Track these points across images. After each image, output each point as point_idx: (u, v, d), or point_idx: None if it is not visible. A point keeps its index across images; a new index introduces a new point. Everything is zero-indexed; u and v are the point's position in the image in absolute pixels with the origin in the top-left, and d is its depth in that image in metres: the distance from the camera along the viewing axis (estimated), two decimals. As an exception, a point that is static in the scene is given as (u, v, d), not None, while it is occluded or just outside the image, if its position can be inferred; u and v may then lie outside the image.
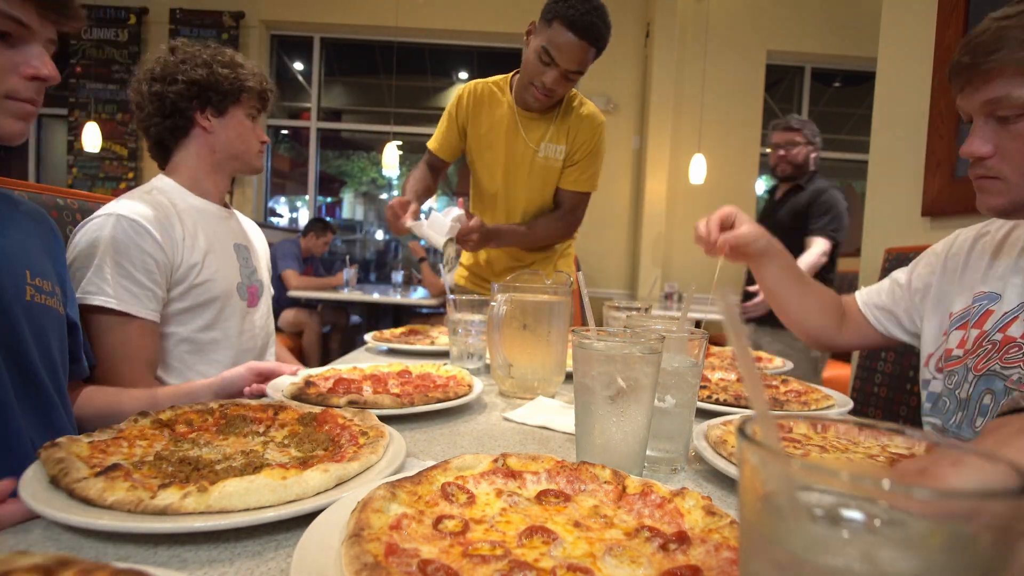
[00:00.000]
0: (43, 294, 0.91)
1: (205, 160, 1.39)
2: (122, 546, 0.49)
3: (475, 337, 1.31)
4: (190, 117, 1.35)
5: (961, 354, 1.03)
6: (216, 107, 1.36)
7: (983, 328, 1.00)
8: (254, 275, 1.47)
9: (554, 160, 1.82)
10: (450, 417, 0.96)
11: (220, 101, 1.35)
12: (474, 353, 1.32)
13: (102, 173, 5.39)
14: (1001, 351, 0.96)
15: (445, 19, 5.51)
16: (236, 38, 5.40)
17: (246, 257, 1.46)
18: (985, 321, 1.01)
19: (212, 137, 1.38)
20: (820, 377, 3.03)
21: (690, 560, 0.44)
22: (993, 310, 1.00)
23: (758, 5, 5.37)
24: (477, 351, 1.32)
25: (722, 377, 1.26)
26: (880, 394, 1.72)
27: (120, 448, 0.64)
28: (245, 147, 1.41)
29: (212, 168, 1.40)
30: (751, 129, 5.40)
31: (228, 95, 1.35)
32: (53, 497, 0.52)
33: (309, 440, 0.71)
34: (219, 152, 1.39)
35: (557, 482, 0.57)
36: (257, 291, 1.47)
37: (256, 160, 1.45)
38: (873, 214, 2.29)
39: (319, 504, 0.53)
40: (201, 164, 1.39)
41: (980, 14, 1.83)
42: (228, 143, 1.39)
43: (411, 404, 0.91)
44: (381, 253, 7.81)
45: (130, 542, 0.50)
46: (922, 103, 2.02)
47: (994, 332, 0.98)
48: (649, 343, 0.66)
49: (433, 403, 0.93)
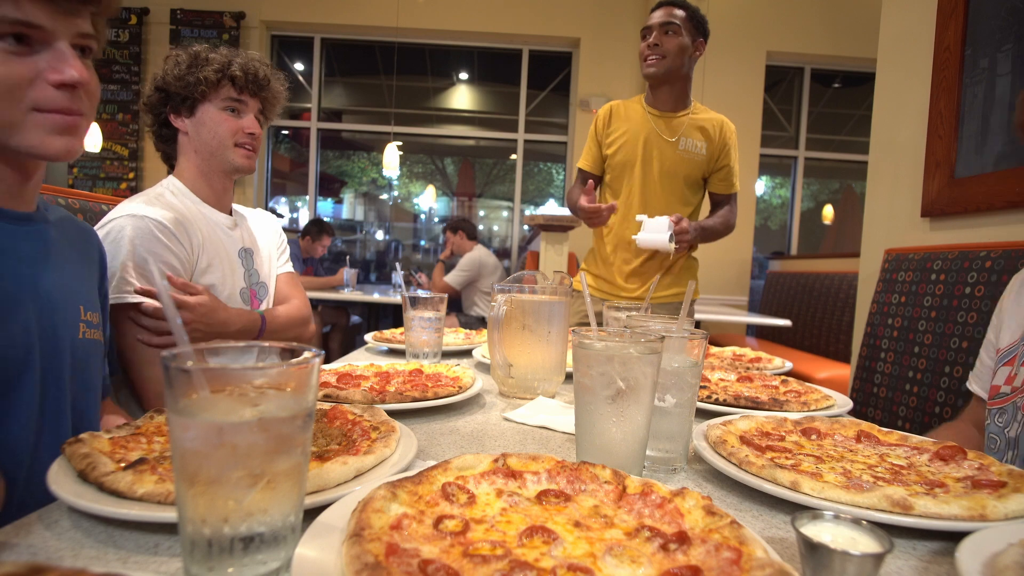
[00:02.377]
0: (92, 328, 0.89)
1: (193, 163, 1.38)
2: (151, 535, 0.51)
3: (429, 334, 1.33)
4: (168, 122, 1.35)
5: (1009, 391, 1.00)
6: (185, 108, 1.33)
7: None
8: (257, 278, 1.47)
9: (696, 154, 2.07)
10: (450, 417, 0.96)
11: (184, 100, 1.32)
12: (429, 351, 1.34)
13: (103, 173, 5.39)
14: None
15: (445, 19, 5.51)
16: (237, 38, 5.40)
17: (250, 261, 1.46)
18: None
19: (191, 139, 1.36)
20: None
21: (690, 560, 0.44)
22: None
23: (758, 6, 5.37)
24: (432, 349, 1.34)
25: (722, 377, 1.26)
26: (880, 394, 1.72)
27: (139, 444, 0.66)
28: (217, 142, 1.34)
29: (201, 171, 1.38)
30: (751, 130, 5.40)
31: (189, 93, 1.31)
32: (84, 490, 0.54)
33: (323, 435, 0.73)
34: (200, 152, 1.36)
35: (557, 482, 0.57)
36: (257, 294, 1.47)
37: (233, 155, 1.35)
38: (873, 215, 2.29)
39: (339, 495, 0.55)
40: (192, 168, 1.38)
41: (980, 14, 1.84)
42: (204, 143, 1.35)
43: (382, 401, 0.91)
44: (381, 253, 7.82)
45: (160, 532, 0.52)
46: (922, 104, 2.03)
47: None
48: (649, 343, 0.66)
49: (408, 402, 0.92)
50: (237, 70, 1.32)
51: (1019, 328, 1.04)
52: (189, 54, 1.32)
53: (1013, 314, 1.07)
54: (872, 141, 2.31)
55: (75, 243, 0.93)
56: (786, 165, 6.15)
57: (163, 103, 1.34)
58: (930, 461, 0.74)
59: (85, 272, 0.93)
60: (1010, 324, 1.06)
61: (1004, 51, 1.75)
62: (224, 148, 1.35)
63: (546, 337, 1.10)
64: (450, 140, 7.27)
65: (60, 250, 0.87)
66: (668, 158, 2.05)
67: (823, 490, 0.60)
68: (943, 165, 1.91)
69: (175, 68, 1.31)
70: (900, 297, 1.72)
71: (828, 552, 0.41)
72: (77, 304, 0.87)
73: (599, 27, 5.42)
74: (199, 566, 0.42)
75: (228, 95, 1.33)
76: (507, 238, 6.90)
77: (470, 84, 6.86)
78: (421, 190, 7.80)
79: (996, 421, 1.03)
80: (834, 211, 7.35)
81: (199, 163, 1.37)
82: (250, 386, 0.44)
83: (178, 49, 1.34)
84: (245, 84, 1.34)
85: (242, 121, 1.36)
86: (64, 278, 0.85)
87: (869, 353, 1.80)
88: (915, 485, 0.65)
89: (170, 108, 1.34)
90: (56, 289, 0.83)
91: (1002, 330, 1.08)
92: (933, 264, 1.63)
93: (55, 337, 0.82)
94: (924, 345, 1.60)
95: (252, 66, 1.34)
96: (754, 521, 0.61)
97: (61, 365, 0.83)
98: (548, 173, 7.04)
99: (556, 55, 5.83)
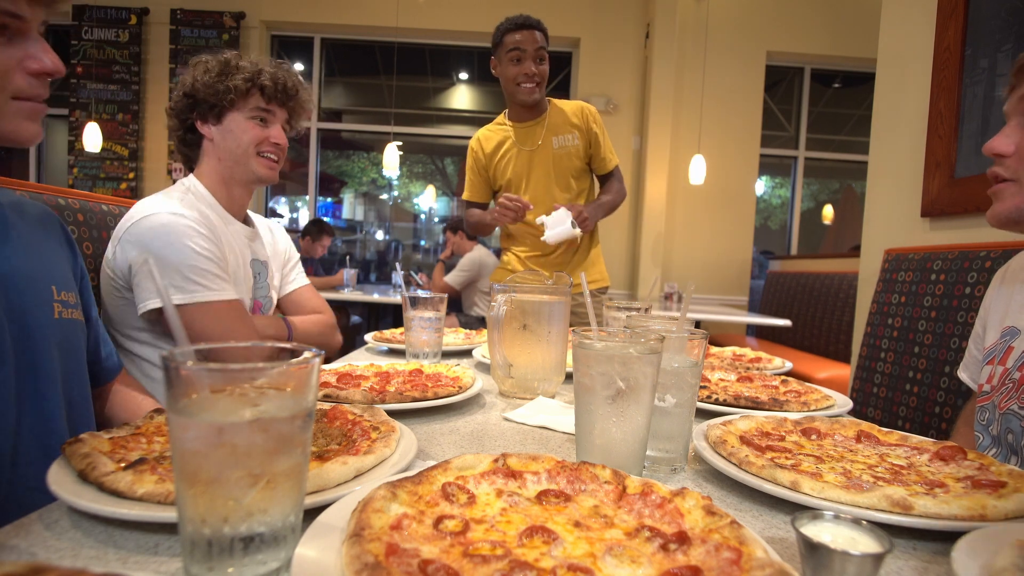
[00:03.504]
0: (69, 308, 0.89)
1: (215, 170, 1.37)
2: (151, 535, 0.51)
3: (429, 334, 1.33)
4: (194, 128, 1.35)
5: (989, 390, 1.00)
6: (212, 115, 1.33)
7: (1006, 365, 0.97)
8: (265, 291, 1.47)
9: (572, 146, 2.19)
10: (450, 417, 0.96)
11: (211, 108, 1.32)
12: (429, 351, 1.34)
13: (103, 173, 5.39)
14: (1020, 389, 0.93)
15: (445, 19, 5.51)
16: (236, 39, 5.40)
17: (262, 274, 1.45)
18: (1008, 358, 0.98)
19: (216, 146, 1.35)
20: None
21: (690, 560, 0.44)
22: (1014, 346, 0.97)
23: (758, 6, 5.37)
24: (432, 349, 1.34)
25: (722, 377, 1.26)
26: (880, 394, 1.72)
27: (139, 444, 0.66)
28: (241, 151, 1.34)
29: (223, 178, 1.37)
30: (751, 130, 5.40)
31: (218, 101, 1.31)
32: (84, 490, 0.54)
33: (323, 435, 0.73)
34: (223, 160, 1.35)
35: (557, 482, 0.57)
36: (262, 307, 1.47)
37: (256, 164, 1.35)
38: (873, 214, 2.29)
39: (339, 495, 0.55)
40: (214, 174, 1.37)
41: (980, 14, 1.84)
42: (228, 151, 1.34)
43: (382, 401, 0.91)
44: (381, 253, 7.82)
45: (160, 532, 0.52)
46: (922, 103, 2.03)
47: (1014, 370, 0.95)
48: (649, 343, 0.66)
49: (408, 402, 0.92)
50: (267, 79, 1.31)
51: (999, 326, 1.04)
52: (219, 61, 1.32)
53: (994, 312, 1.07)
54: (872, 141, 2.31)
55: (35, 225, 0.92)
56: (786, 165, 6.15)
57: (190, 109, 1.33)
58: (930, 461, 0.74)
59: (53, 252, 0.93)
60: (993, 322, 1.06)
61: (1004, 51, 1.75)
62: (248, 157, 1.35)
63: (546, 337, 1.10)
64: (450, 140, 7.27)
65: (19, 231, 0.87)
66: (550, 159, 2.18)
67: (823, 490, 0.60)
68: (943, 165, 1.91)
69: (204, 75, 1.31)
70: (900, 297, 1.72)
71: (828, 552, 0.41)
72: (48, 284, 0.86)
73: (599, 27, 5.42)
74: (199, 566, 0.42)
75: (256, 104, 1.33)
76: (507, 238, 6.90)
77: (470, 84, 6.86)
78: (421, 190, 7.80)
79: (979, 420, 1.04)
80: (834, 211, 7.35)
81: (221, 170, 1.37)
82: (250, 386, 0.44)
83: (208, 55, 1.34)
84: (274, 93, 1.33)
85: (269, 131, 1.36)
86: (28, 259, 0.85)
87: (869, 353, 1.80)
88: (915, 485, 0.65)
89: (197, 114, 1.33)
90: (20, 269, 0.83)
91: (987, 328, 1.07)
92: (933, 264, 1.63)
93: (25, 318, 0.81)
94: (924, 345, 1.60)
95: (281, 75, 1.34)
96: (754, 521, 0.61)
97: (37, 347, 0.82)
98: (548, 173, 7.05)
99: (556, 55, 5.81)
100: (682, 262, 5.36)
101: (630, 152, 5.38)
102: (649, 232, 5.14)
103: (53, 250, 0.93)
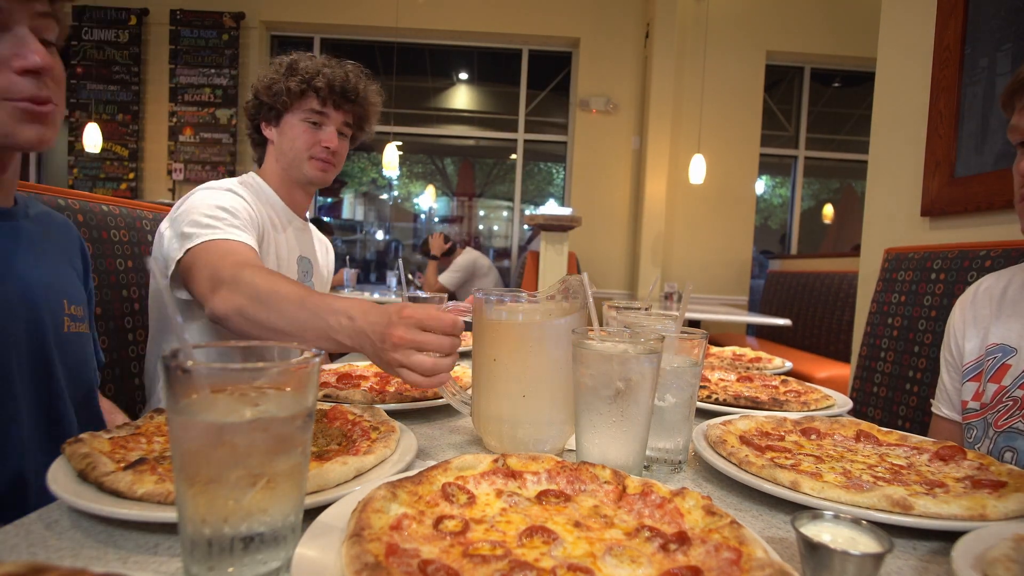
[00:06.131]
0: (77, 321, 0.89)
1: (275, 171, 1.38)
2: (151, 535, 0.51)
3: None
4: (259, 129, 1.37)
5: (978, 407, 1.01)
6: (272, 117, 1.35)
7: (1001, 383, 0.98)
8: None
9: None
10: (450, 417, 0.96)
11: (270, 110, 1.33)
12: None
13: (103, 174, 5.39)
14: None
15: (445, 19, 5.51)
16: (236, 39, 5.40)
17: (307, 271, 1.45)
18: (1003, 375, 0.98)
19: (275, 148, 1.37)
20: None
21: (690, 560, 0.44)
22: (1011, 364, 0.98)
23: (758, 5, 5.36)
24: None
25: (722, 377, 1.26)
26: (880, 394, 1.72)
27: (139, 444, 0.66)
28: (294, 154, 1.34)
29: (282, 180, 1.38)
30: (751, 129, 5.39)
31: (274, 103, 1.32)
32: (83, 490, 0.54)
33: (323, 435, 0.73)
34: (280, 162, 1.37)
35: (557, 482, 0.57)
36: None
37: (308, 167, 1.34)
38: (873, 214, 2.29)
39: (339, 495, 0.55)
40: (275, 176, 1.39)
41: (980, 14, 1.84)
42: (283, 153, 1.35)
43: (382, 401, 0.91)
44: (381, 253, 7.81)
45: (160, 532, 0.52)
46: (922, 103, 2.02)
47: (1015, 388, 0.96)
48: (649, 343, 0.66)
49: (408, 402, 0.92)
50: (321, 81, 1.29)
51: (980, 343, 1.05)
52: (283, 63, 1.32)
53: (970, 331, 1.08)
54: (872, 141, 2.31)
55: (55, 237, 0.93)
56: (786, 164, 6.15)
57: (257, 111, 1.35)
58: (930, 461, 0.74)
59: (67, 266, 0.93)
60: (971, 339, 1.07)
61: (1004, 50, 1.75)
62: (300, 160, 1.34)
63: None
64: (450, 140, 7.26)
65: (39, 245, 0.87)
66: None
67: (823, 490, 0.60)
68: (943, 164, 1.91)
69: (266, 77, 1.32)
70: (900, 296, 1.72)
71: (828, 552, 0.41)
72: (60, 298, 0.86)
73: (599, 27, 5.42)
74: (199, 566, 0.42)
75: (311, 107, 1.31)
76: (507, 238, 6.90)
77: (470, 84, 6.85)
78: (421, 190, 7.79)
79: (966, 437, 1.04)
80: (834, 210, 7.35)
81: (280, 172, 1.38)
82: (250, 386, 0.44)
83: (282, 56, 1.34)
84: (328, 95, 1.30)
85: (320, 134, 1.33)
86: (45, 273, 0.85)
87: (869, 353, 1.80)
88: (915, 485, 0.65)
89: (261, 116, 1.36)
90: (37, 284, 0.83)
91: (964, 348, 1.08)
92: (933, 263, 1.63)
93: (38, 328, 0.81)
94: (924, 345, 1.60)
95: (339, 77, 1.31)
96: (754, 521, 0.61)
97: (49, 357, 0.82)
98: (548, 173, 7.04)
99: (556, 55, 5.82)
100: (682, 262, 5.35)
101: (630, 152, 5.38)
102: (649, 232, 5.14)
103: (69, 262, 0.94)
